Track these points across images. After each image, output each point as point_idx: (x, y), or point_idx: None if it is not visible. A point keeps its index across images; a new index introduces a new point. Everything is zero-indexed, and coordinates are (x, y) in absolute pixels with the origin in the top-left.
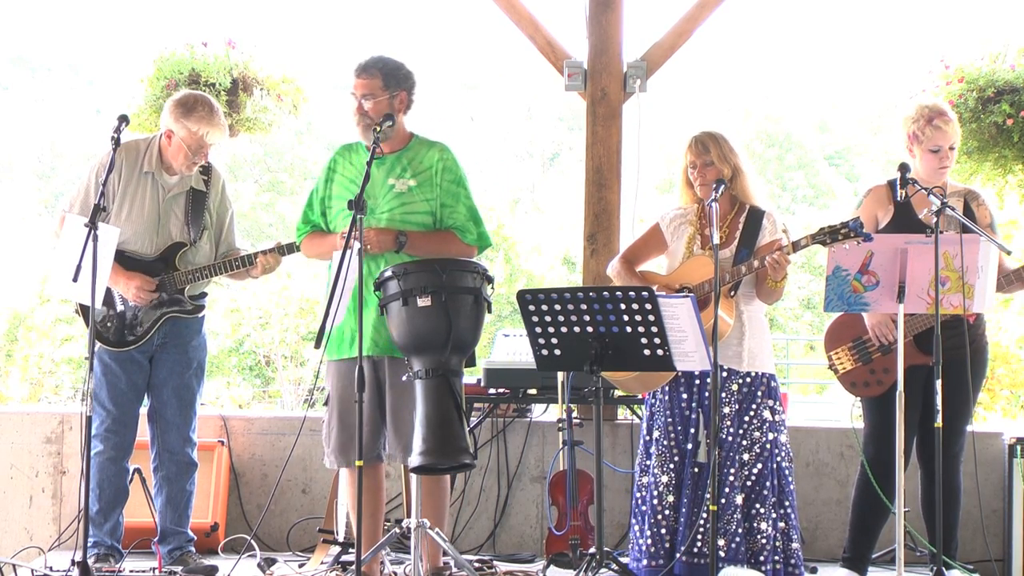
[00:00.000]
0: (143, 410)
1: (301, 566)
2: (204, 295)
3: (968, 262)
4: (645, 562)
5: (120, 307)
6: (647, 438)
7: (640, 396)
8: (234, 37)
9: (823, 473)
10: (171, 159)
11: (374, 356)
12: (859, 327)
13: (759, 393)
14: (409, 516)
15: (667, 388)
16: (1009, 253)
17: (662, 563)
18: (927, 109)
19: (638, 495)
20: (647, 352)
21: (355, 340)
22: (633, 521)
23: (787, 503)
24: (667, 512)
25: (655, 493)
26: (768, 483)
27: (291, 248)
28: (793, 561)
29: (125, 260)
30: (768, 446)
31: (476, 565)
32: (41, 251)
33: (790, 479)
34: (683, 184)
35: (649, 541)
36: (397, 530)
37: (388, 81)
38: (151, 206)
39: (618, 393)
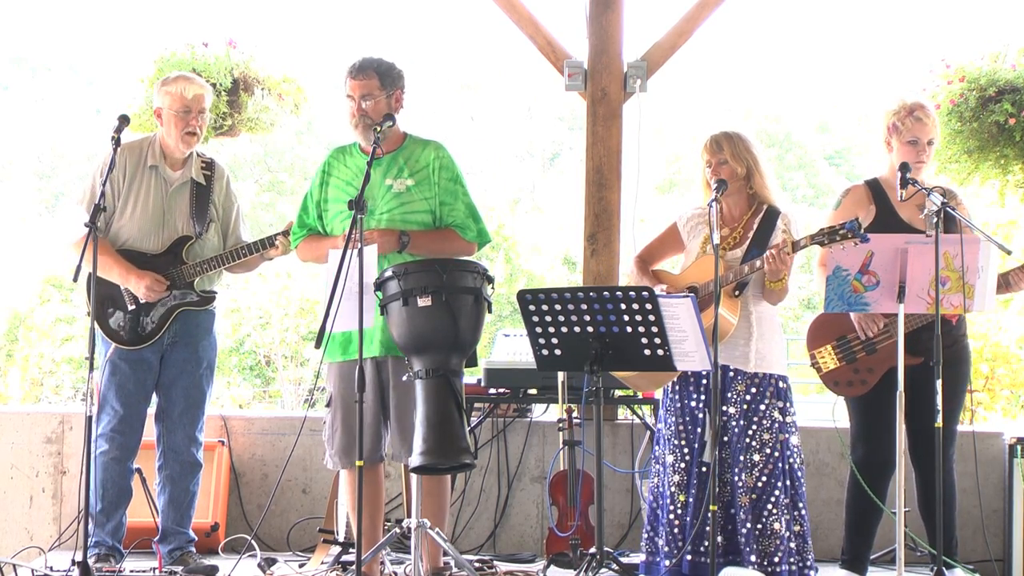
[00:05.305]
0: (150, 409)
1: (301, 566)
2: (215, 293)
3: (968, 262)
4: (667, 562)
5: (131, 306)
6: (667, 436)
7: (641, 395)
8: (235, 37)
9: (823, 473)
10: (168, 140)
11: (377, 356)
12: (843, 325)
13: (768, 394)
14: (409, 516)
15: (677, 388)
16: (1010, 253)
17: (675, 562)
18: (909, 102)
19: (659, 495)
20: (647, 352)
21: (355, 341)
22: (657, 519)
23: (801, 505)
24: (679, 512)
25: (668, 493)
26: (779, 484)
27: None
28: (809, 563)
29: (133, 257)
30: (779, 447)
31: (476, 565)
32: (43, 250)
33: (803, 481)
34: (703, 185)
35: (664, 540)
36: (397, 530)
37: (384, 81)
38: (155, 201)
39: (618, 393)
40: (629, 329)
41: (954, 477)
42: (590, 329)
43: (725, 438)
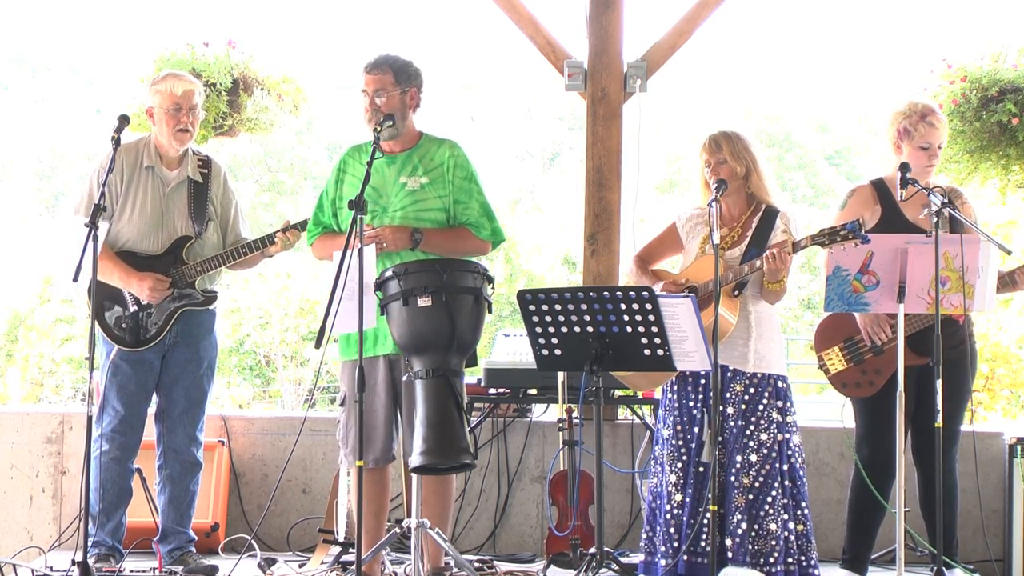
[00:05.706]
0: (150, 409)
1: (301, 566)
2: (216, 293)
3: (968, 262)
4: (663, 562)
5: (133, 307)
6: (665, 436)
7: (641, 395)
8: (235, 37)
9: (823, 473)
10: (161, 139)
11: (391, 354)
12: (850, 327)
13: (766, 394)
14: (409, 516)
15: (676, 387)
16: (1010, 253)
17: (671, 562)
18: (920, 106)
19: (658, 495)
20: (647, 352)
21: (372, 339)
22: (655, 518)
23: (803, 504)
24: (676, 511)
25: (665, 492)
26: (776, 483)
27: (304, 224)
28: (812, 562)
29: (134, 259)
30: (777, 447)
31: (476, 565)
32: (43, 250)
33: (804, 480)
34: (702, 185)
35: (660, 540)
36: (397, 530)
37: (399, 77)
38: (153, 202)
39: (618, 393)
40: (629, 329)
41: (956, 477)
42: (590, 329)
43: (721, 438)
